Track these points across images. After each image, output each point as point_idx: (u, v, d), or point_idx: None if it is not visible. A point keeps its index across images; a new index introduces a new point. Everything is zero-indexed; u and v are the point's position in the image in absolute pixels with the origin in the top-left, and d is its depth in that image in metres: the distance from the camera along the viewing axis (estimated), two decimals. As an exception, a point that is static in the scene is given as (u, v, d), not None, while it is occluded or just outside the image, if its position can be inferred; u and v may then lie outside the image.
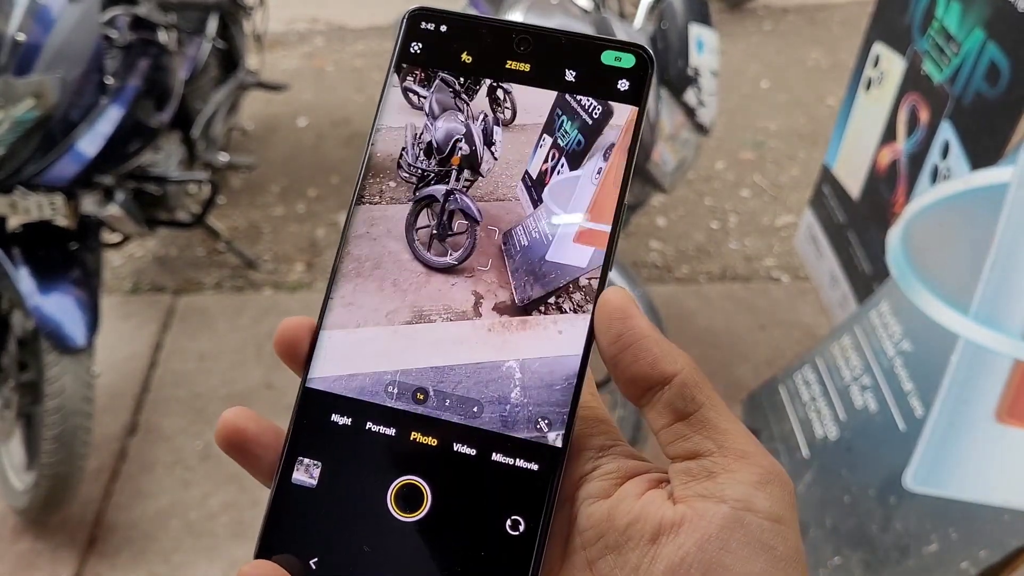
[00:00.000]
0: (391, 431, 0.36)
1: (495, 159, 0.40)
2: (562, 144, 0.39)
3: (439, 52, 0.40)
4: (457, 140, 0.40)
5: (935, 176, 1.80)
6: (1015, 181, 1.48)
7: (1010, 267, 1.46)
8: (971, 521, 1.42)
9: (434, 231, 0.39)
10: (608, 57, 0.39)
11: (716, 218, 3.22)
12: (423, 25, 0.41)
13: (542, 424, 0.35)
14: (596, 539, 0.33)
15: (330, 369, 0.38)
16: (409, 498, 0.35)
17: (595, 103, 0.39)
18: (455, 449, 0.36)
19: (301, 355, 0.38)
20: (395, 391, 0.37)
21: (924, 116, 1.86)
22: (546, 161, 0.39)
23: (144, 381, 2.49)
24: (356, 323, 0.39)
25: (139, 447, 2.29)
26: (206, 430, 2.33)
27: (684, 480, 0.33)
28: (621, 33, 1.90)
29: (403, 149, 0.40)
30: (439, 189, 0.40)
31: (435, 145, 0.40)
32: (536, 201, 0.39)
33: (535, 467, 0.35)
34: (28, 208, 1.89)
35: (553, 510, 0.34)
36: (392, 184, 0.40)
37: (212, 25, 2.82)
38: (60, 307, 1.86)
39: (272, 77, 3.67)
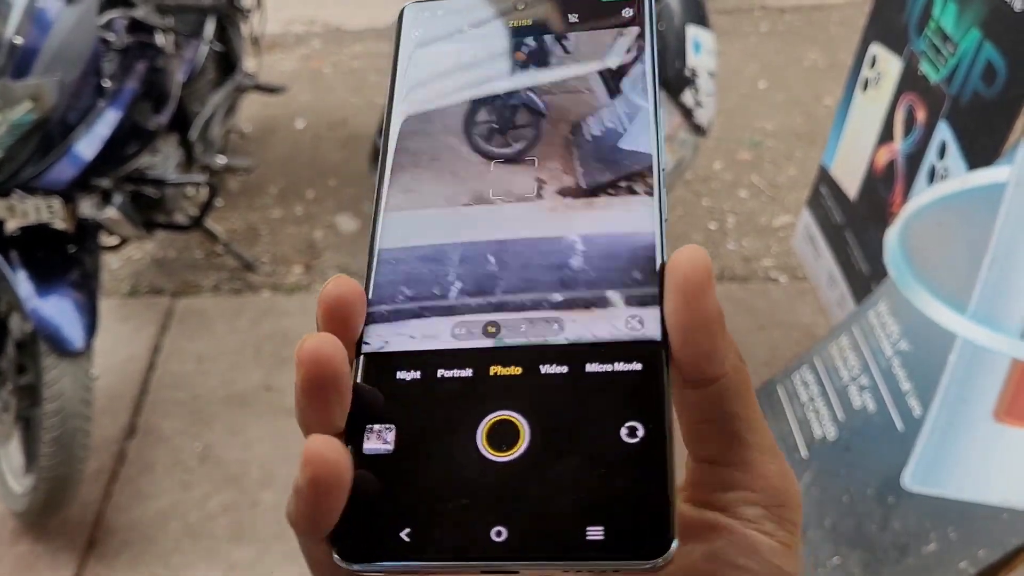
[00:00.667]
0: (467, 372, 0.32)
1: (567, 52, 0.38)
2: (644, 40, 0.38)
3: (443, 36, 0.40)
4: (522, 34, 0.39)
5: (932, 176, 1.80)
6: (1012, 180, 1.49)
7: (1008, 266, 1.47)
8: (970, 520, 1.42)
9: (495, 125, 0.37)
10: None
11: (714, 219, 3.22)
12: (419, 16, 0.40)
13: (632, 320, 0.31)
14: None
15: (396, 241, 0.35)
16: (504, 435, 0.31)
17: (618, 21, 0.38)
18: (543, 371, 0.32)
19: (349, 316, 0.32)
20: (463, 331, 0.33)
21: (921, 116, 1.87)
22: (628, 52, 0.37)
23: (143, 383, 2.49)
24: (415, 206, 0.36)
25: (138, 449, 2.29)
26: (205, 432, 2.33)
27: (700, 478, 0.32)
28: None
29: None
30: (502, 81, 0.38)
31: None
32: (614, 91, 0.37)
33: (638, 366, 0.31)
34: (26, 211, 1.89)
35: (670, 407, 0.30)
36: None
37: (209, 28, 2.82)
38: (58, 310, 1.86)
39: (270, 79, 3.67)
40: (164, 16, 2.28)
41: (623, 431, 0.30)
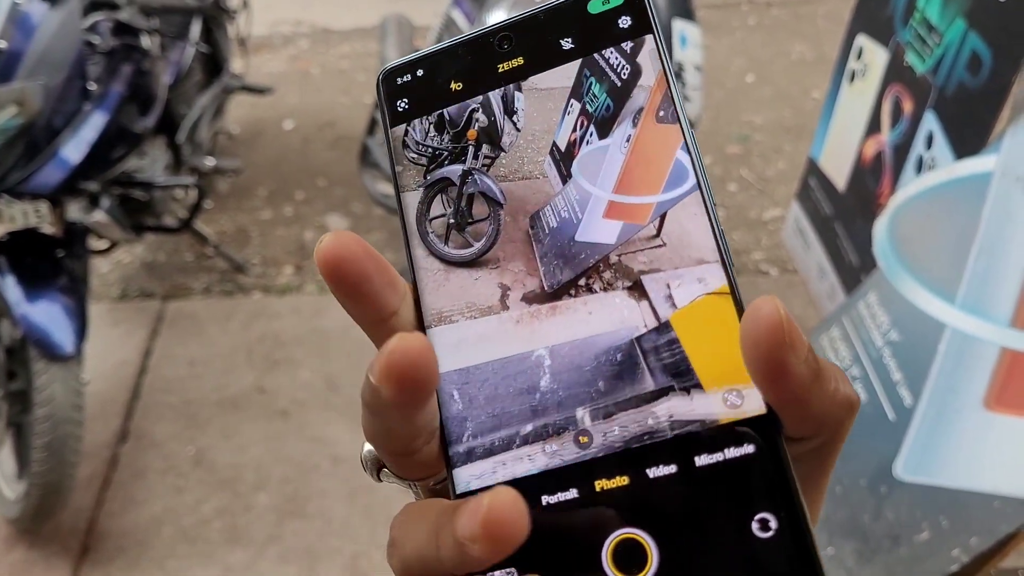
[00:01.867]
0: (572, 493, 0.29)
1: (518, 131, 0.34)
2: (591, 110, 0.33)
3: (427, 96, 0.36)
4: (473, 110, 0.35)
5: (920, 166, 1.81)
6: (998, 170, 1.49)
7: (995, 255, 1.47)
8: (961, 509, 1.42)
9: (451, 220, 0.34)
10: (595, 5, 0.34)
11: (704, 213, 3.23)
12: (399, 81, 0.36)
13: (729, 395, 0.28)
14: None
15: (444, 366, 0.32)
16: (632, 556, 0.28)
17: (619, 59, 0.34)
18: (652, 475, 0.28)
19: (354, 280, 0.30)
20: (555, 447, 0.30)
21: (908, 107, 1.87)
22: (575, 130, 0.34)
23: (134, 388, 2.48)
24: (445, 321, 0.33)
25: (130, 454, 2.29)
26: (198, 435, 2.33)
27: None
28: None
29: (407, 126, 0.35)
30: (455, 170, 0.35)
31: (447, 118, 0.35)
32: (565, 177, 0.33)
33: (751, 448, 0.27)
34: (13, 216, 1.88)
35: (798, 487, 0.27)
36: (398, 169, 0.35)
37: (195, 29, 2.81)
38: (48, 315, 1.85)
39: (257, 80, 3.66)
40: (149, 18, 2.27)
41: (755, 526, 0.27)
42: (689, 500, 0.28)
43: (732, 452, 0.27)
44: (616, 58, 0.34)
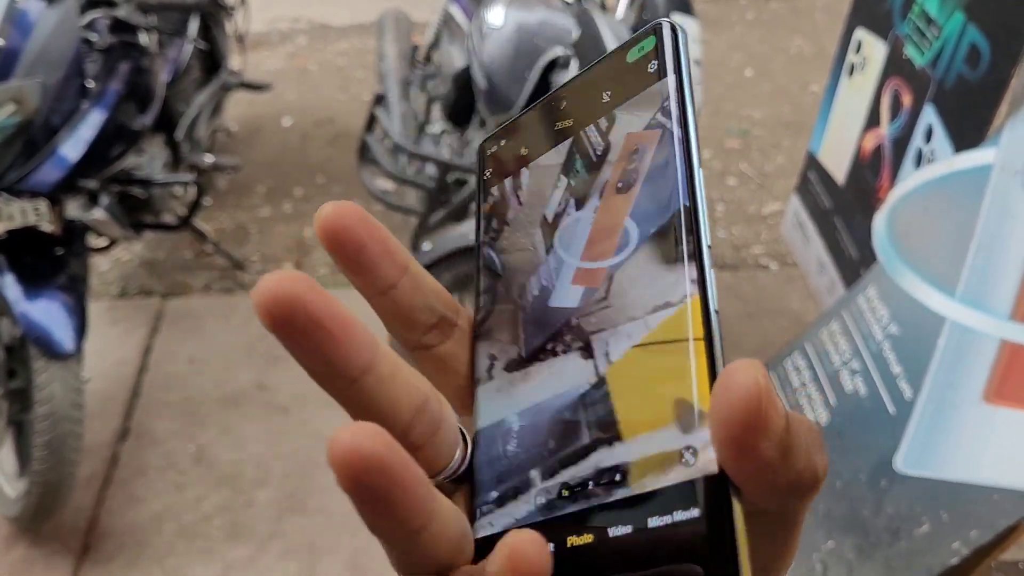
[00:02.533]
0: (551, 548, 0.28)
1: (520, 204, 0.35)
2: (573, 184, 0.34)
3: (503, 163, 0.37)
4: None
5: (919, 160, 1.80)
6: (998, 163, 1.49)
7: (994, 248, 1.47)
8: (962, 502, 1.42)
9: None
10: (633, 55, 0.34)
11: (703, 208, 3.23)
12: (490, 151, 0.38)
13: (686, 453, 0.26)
14: None
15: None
16: None
17: (606, 125, 0.34)
18: (611, 536, 0.27)
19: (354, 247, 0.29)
20: (544, 499, 0.29)
21: (907, 100, 1.87)
22: (560, 203, 0.34)
23: (134, 386, 2.48)
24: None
25: (131, 452, 2.29)
26: (198, 433, 2.33)
27: None
28: (603, 24, 1.90)
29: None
30: (472, 241, 0.36)
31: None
32: (549, 248, 0.34)
33: (695, 512, 0.25)
34: (12, 214, 1.88)
35: (743, 549, 0.24)
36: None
37: (193, 26, 2.81)
38: (47, 313, 1.85)
39: (255, 77, 3.66)
40: (147, 15, 2.27)
41: None
42: (641, 563, 0.26)
43: (680, 515, 0.25)
44: (604, 124, 0.34)
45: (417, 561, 0.26)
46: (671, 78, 0.32)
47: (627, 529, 0.26)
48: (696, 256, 0.29)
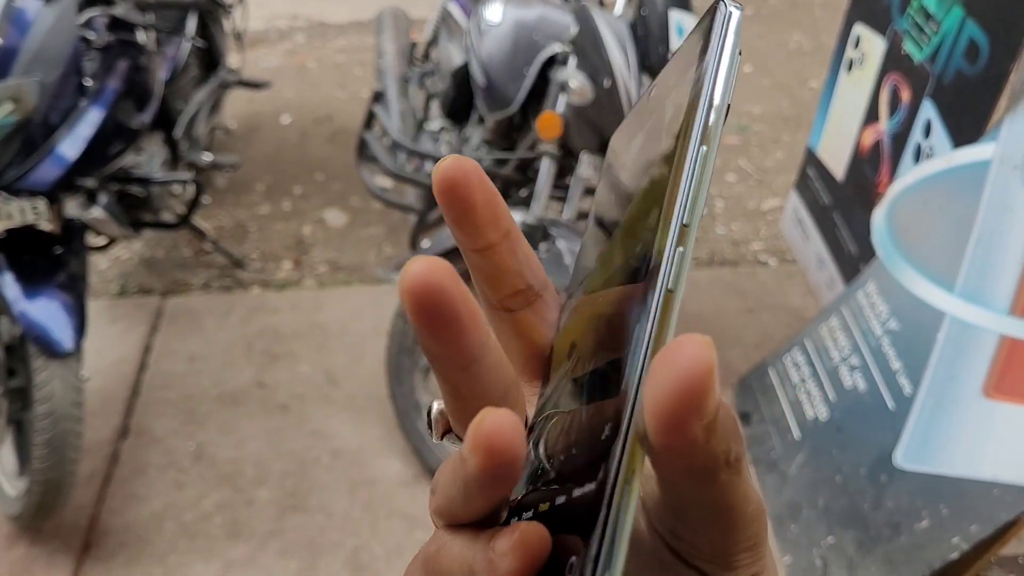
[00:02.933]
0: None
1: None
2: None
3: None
4: None
5: (918, 155, 1.80)
6: (996, 158, 1.49)
7: (993, 244, 1.47)
8: (961, 497, 1.43)
9: None
10: (695, 34, 0.32)
11: (702, 204, 3.22)
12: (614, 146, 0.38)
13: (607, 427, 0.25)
14: None
15: None
16: None
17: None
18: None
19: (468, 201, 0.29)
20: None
21: (906, 95, 1.87)
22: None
23: (134, 384, 2.48)
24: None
25: (131, 450, 2.29)
26: (198, 431, 2.33)
27: (681, 546, 0.27)
28: (601, 21, 1.90)
29: None
30: None
31: None
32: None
33: (591, 487, 0.25)
34: (10, 213, 1.88)
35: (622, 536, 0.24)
36: None
37: (191, 24, 2.80)
38: (47, 312, 1.85)
39: (254, 75, 3.65)
40: (145, 13, 2.26)
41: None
42: (559, 526, 0.26)
43: (579, 491, 0.25)
44: None
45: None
46: (707, 59, 0.29)
47: (563, 498, 0.26)
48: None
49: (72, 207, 2.00)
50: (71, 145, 1.89)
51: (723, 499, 0.25)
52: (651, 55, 1.95)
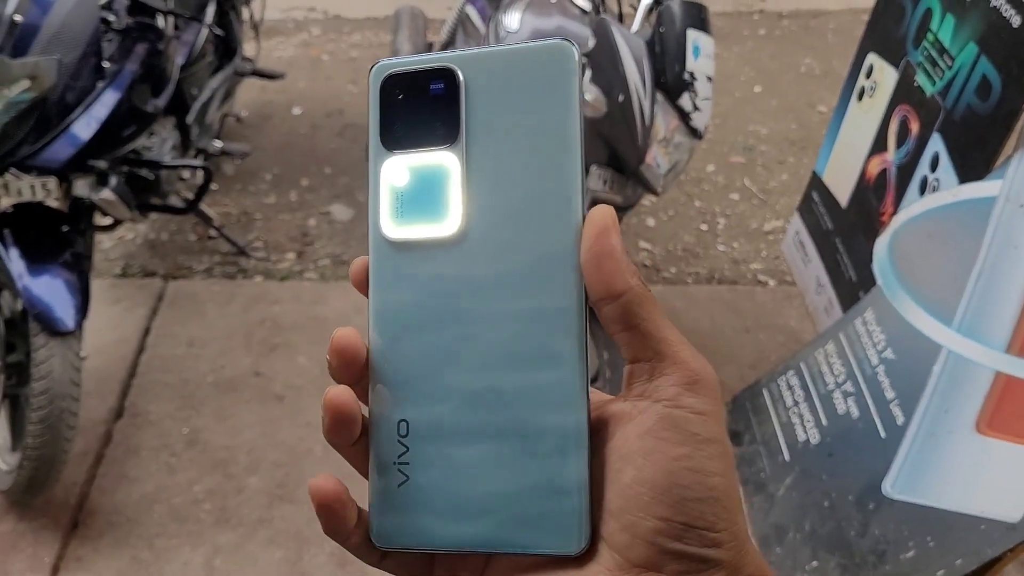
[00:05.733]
0: None
1: None
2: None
3: None
4: None
5: (924, 187, 1.82)
6: (1002, 196, 1.51)
7: (995, 280, 1.49)
8: (948, 529, 1.44)
9: None
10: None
11: (705, 220, 3.24)
12: None
13: None
14: None
15: None
16: None
17: None
18: None
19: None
20: None
21: (915, 127, 1.88)
22: None
23: (132, 365, 2.49)
24: None
25: (125, 431, 2.30)
26: (193, 416, 2.34)
27: (630, 380, 0.39)
28: (619, 36, 1.91)
29: None
30: None
31: None
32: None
33: None
34: (20, 190, 1.89)
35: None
36: None
37: (210, 11, 2.82)
38: (50, 289, 1.86)
39: (268, 65, 3.67)
40: (165, -1, 2.28)
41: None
42: None
43: None
44: None
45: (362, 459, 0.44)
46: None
47: None
48: None
49: (82, 187, 2.01)
50: (85, 125, 1.90)
51: (641, 313, 0.38)
52: (667, 73, 1.97)
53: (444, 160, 0.41)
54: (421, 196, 0.41)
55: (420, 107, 0.41)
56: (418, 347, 0.41)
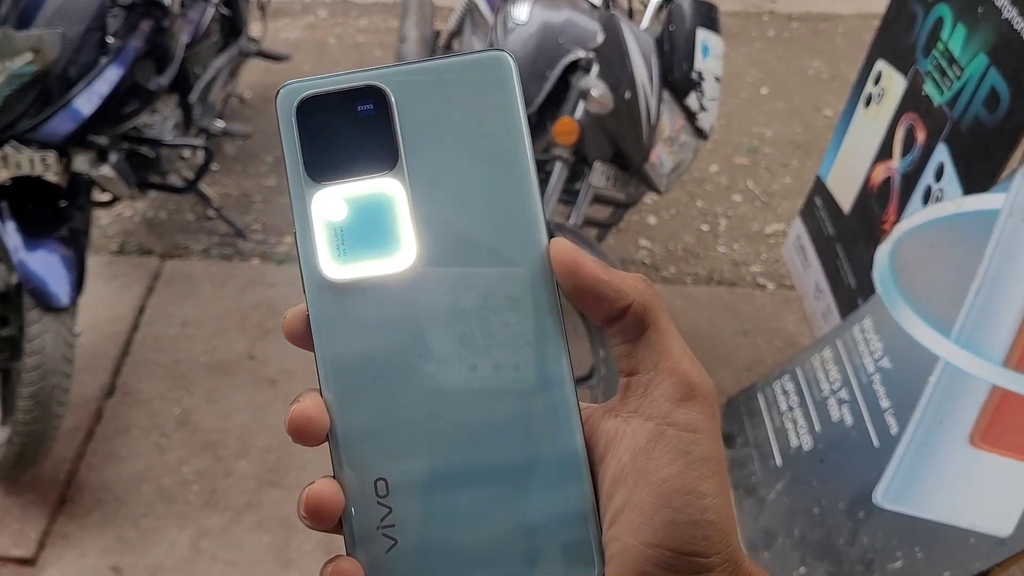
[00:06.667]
0: None
1: None
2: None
3: None
4: None
5: (927, 197, 1.81)
6: (1006, 209, 1.50)
7: (995, 293, 1.48)
8: (937, 541, 1.44)
9: None
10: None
11: (706, 221, 3.23)
12: None
13: None
14: None
15: None
16: None
17: None
18: None
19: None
20: None
21: (921, 136, 1.88)
22: None
23: (125, 344, 2.48)
24: None
25: (115, 409, 2.29)
26: (184, 396, 2.33)
27: (624, 394, 0.38)
28: (628, 32, 1.90)
29: None
30: None
31: None
32: None
33: None
34: (19, 163, 1.87)
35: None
36: None
37: (216, -10, 2.80)
38: (46, 264, 1.85)
39: (273, 46, 3.64)
40: (172, -24, 2.26)
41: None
42: None
43: None
44: None
45: None
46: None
47: None
48: None
49: (81, 162, 1.99)
50: (87, 101, 1.89)
51: (646, 321, 0.38)
52: (674, 71, 1.95)
53: (385, 187, 0.37)
54: (365, 229, 0.37)
55: (348, 132, 0.38)
56: (382, 396, 0.37)
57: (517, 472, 0.37)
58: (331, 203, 0.38)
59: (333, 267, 0.37)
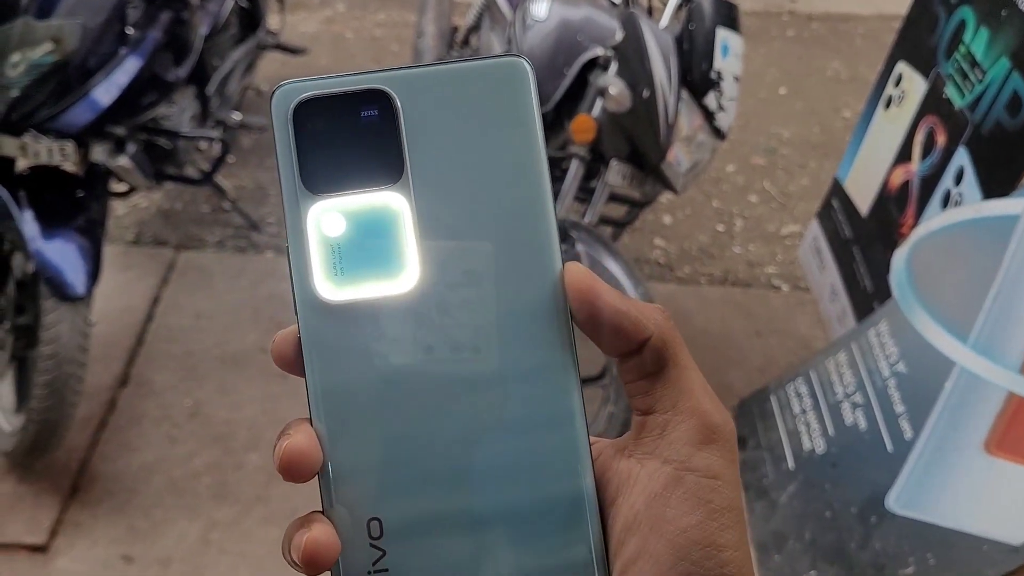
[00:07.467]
0: None
1: None
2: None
3: None
4: None
5: (946, 201, 1.80)
6: (1026, 214, 1.49)
7: (1013, 299, 1.47)
8: (950, 548, 1.43)
9: None
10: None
11: (722, 221, 3.22)
12: None
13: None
14: None
15: None
16: None
17: None
18: None
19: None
20: None
21: (941, 140, 1.86)
22: None
23: (139, 334, 2.49)
24: None
25: (129, 399, 2.30)
26: (196, 388, 2.34)
27: (639, 434, 0.35)
28: (647, 31, 1.89)
29: None
30: None
31: None
32: None
33: None
34: (38, 152, 1.88)
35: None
36: None
37: (237, -18, 2.80)
38: (62, 253, 1.86)
39: (291, 39, 3.65)
40: (192, -33, 2.26)
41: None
42: None
43: None
44: None
45: None
46: None
47: None
48: None
49: (99, 152, 2.00)
50: (106, 91, 1.89)
51: (665, 355, 0.35)
52: (693, 70, 1.94)
53: (388, 201, 0.34)
54: (364, 247, 0.35)
55: (349, 139, 0.35)
56: (379, 430, 0.34)
57: (522, 516, 0.34)
58: (328, 217, 0.35)
59: (328, 287, 0.35)
